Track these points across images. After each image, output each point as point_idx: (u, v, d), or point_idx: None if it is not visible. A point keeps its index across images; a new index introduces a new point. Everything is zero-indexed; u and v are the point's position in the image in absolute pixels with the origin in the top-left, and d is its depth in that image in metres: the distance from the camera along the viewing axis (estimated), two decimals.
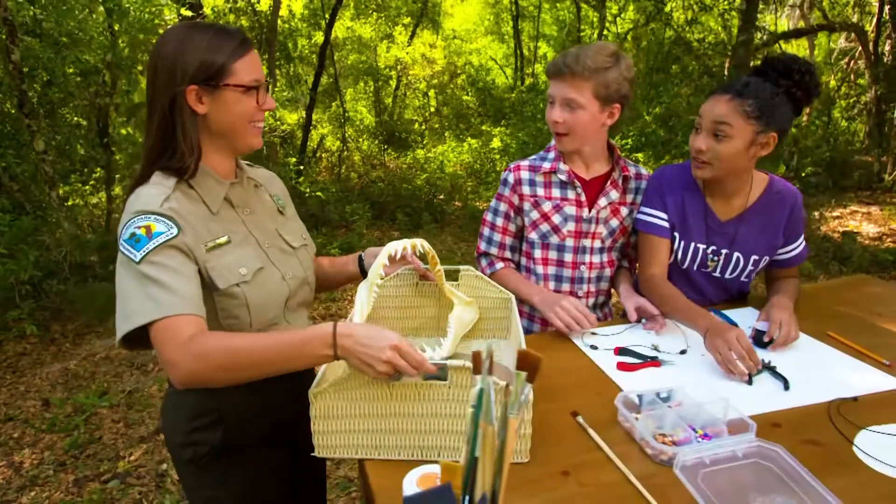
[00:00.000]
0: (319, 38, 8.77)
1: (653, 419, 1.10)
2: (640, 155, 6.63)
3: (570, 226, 1.60)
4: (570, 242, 1.62)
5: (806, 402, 1.19)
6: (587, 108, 1.45)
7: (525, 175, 1.62)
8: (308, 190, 5.44)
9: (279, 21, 8.86)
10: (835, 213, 6.91)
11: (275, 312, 1.21)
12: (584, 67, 1.41)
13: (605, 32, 8.93)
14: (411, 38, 12.84)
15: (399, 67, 12.16)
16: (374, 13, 11.29)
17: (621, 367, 1.34)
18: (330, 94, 11.38)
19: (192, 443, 1.22)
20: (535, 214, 1.61)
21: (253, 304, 1.14)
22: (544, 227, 1.62)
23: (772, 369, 1.30)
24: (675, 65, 6.42)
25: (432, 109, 13.45)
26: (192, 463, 1.23)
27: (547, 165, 1.61)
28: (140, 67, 5.19)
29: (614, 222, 1.64)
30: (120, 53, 5.02)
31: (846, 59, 10.08)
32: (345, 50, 11.80)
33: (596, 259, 1.65)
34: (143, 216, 1.04)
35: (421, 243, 1.27)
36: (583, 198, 1.60)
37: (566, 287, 1.66)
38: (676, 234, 1.61)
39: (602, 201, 1.60)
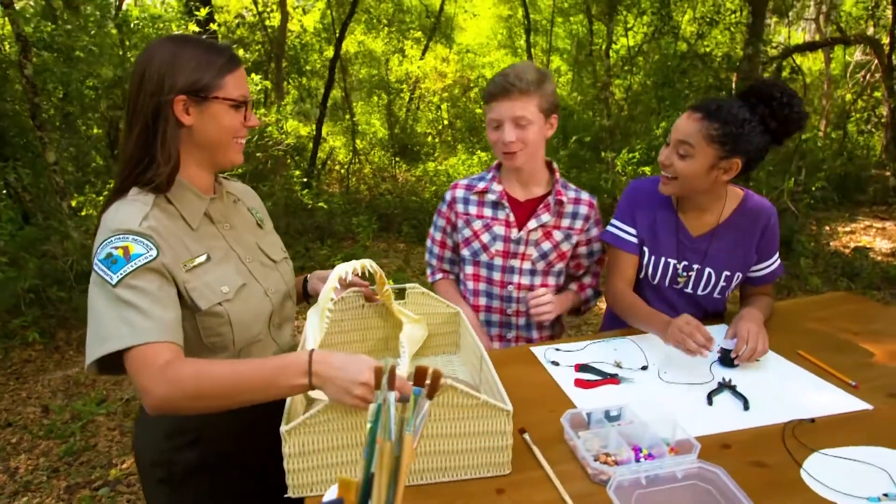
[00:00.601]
0: (331, 52, 8.89)
1: (599, 438, 1.09)
2: (647, 168, 6.58)
3: (499, 245, 1.61)
4: (498, 262, 1.63)
5: (762, 423, 1.17)
6: (535, 122, 1.47)
7: (460, 194, 1.66)
8: (311, 202, 5.49)
9: (291, 36, 9.03)
10: (847, 229, 6.78)
11: (258, 329, 1.20)
12: (528, 83, 1.43)
13: (615, 46, 8.93)
14: (424, 51, 12.96)
15: (411, 81, 12.26)
16: (386, 27, 11.41)
17: (579, 383, 1.33)
18: (343, 108, 11.51)
19: (167, 462, 1.19)
20: (467, 232, 1.65)
21: (236, 322, 1.13)
22: (475, 244, 1.64)
23: (732, 388, 1.28)
24: (683, 79, 6.38)
25: (445, 122, 13.53)
26: (165, 483, 1.20)
27: (482, 185, 1.64)
28: None
29: (546, 245, 1.62)
30: (131, 69, 5.13)
31: (862, 73, 9.94)
32: (357, 64, 11.94)
33: (525, 280, 1.64)
34: (120, 236, 1.01)
35: (370, 264, 1.28)
36: (511, 218, 1.61)
37: (496, 304, 1.68)
38: (646, 249, 1.60)
39: (532, 223, 1.60)
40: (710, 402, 1.24)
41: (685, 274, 1.58)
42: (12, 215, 4.19)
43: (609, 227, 1.63)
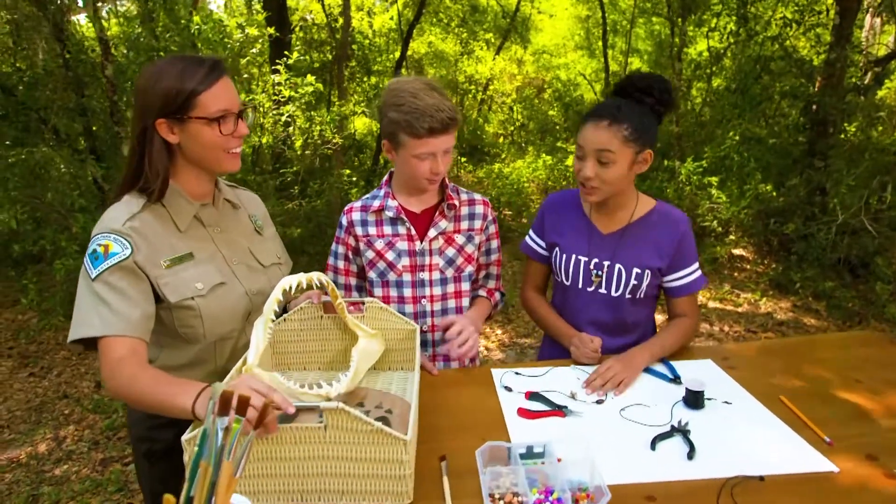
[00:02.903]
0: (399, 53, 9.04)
1: (513, 475, 1.03)
2: (714, 178, 6.21)
3: (405, 261, 1.58)
4: (407, 277, 1.59)
5: (702, 476, 1.07)
6: (452, 148, 1.46)
7: (356, 216, 1.61)
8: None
9: (360, 37, 9.25)
10: None
11: (232, 326, 1.30)
12: (458, 114, 1.41)
13: (696, 48, 8.47)
14: (498, 52, 12.89)
15: (482, 81, 12.24)
16: (457, 28, 11.44)
17: (522, 413, 1.27)
18: None
19: (149, 438, 1.33)
20: (370, 254, 1.60)
21: (207, 316, 1.23)
22: (381, 265, 1.59)
23: (685, 433, 1.18)
24: (756, 85, 5.95)
25: (518, 123, 13.40)
26: (147, 457, 1.34)
27: (377, 203, 1.59)
28: None
29: (450, 251, 1.60)
30: None
31: None
32: (426, 64, 12.06)
33: (437, 291, 1.60)
34: (104, 234, 1.14)
35: (317, 276, 1.28)
36: (413, 231, 1.57)
37: None
38: (557, 251, 1.63)
39: (432, 232, 1.57)
40: (653, 446, 1.15)
41: (598, 273, 1.57)
42: (84, 204, 4.56)
43: (525, 239, 1.74)
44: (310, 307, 1.45)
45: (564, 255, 1.61)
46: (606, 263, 1.56)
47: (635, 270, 1.53)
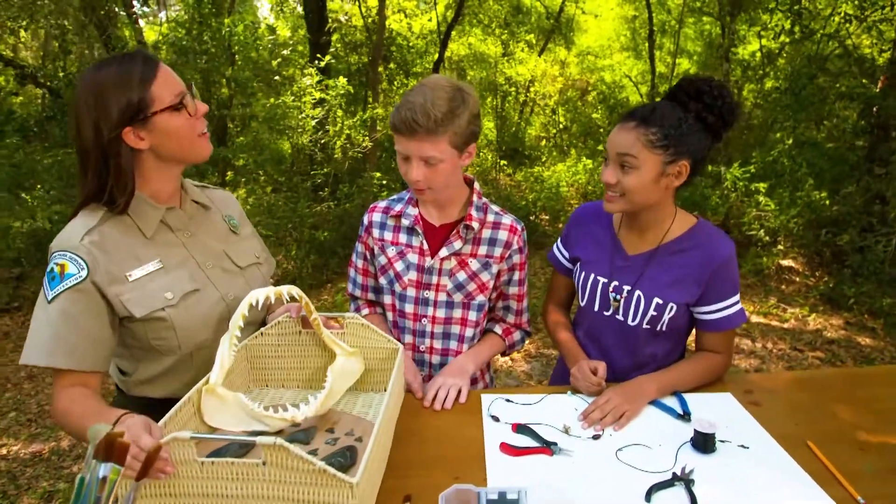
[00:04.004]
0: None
1: None
2: (762, 185, 5.87)
3: (412, 275, 1.46)
4: (411, 292, 1.47)
5: None
6: (446, 159, 1.28)
7: (377, 218, 1.52)
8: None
9: (399, 38, 9.23)
10: None
11: (207, 334, 1.23)
12: (437, 122, 1.23)
13: (734, 50, 8.06)
14: (541, 53, 12.67)
15: (523, 83, 12.05)
16: (498, 29, 11.30)
17: (504, 448, 1.14)
18: None
19: None
20: (382, 259, 1.50)
21: (180, 327, 1.18)
22: (390, 272, 1.49)
23: (687, 482, 1.03)
24: (811, 85, 5.57)
25: (562, 126, 13.15)
26: None
27: (398, 208, 1.48)
28: (255, 84, 5.69)
29: (461, 275, 1.45)
30: (239, 70, 5.53)
31: None
32: (466, 66, 11.97)
33: (441, 313, 1.47)
34: (60, 253, 1.10)
35: (287, 290, 1.19)
36: (425, 246, 1.45)
37: (408, 339, 1.51)
38: (578, 266, 1.51)
39: (443, 251, 1.43)
40: (648, 497, 1.00)
41: (617, 298, 1.42)
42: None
43: (552, 248, 1.61)
44: (287, 321, 1.36)
45: (584, 273, 1.47)
46: (626, 288, 1.40)
47: (656, 301, 1.36)
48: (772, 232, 5.70)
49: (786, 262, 5.84)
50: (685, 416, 1.24)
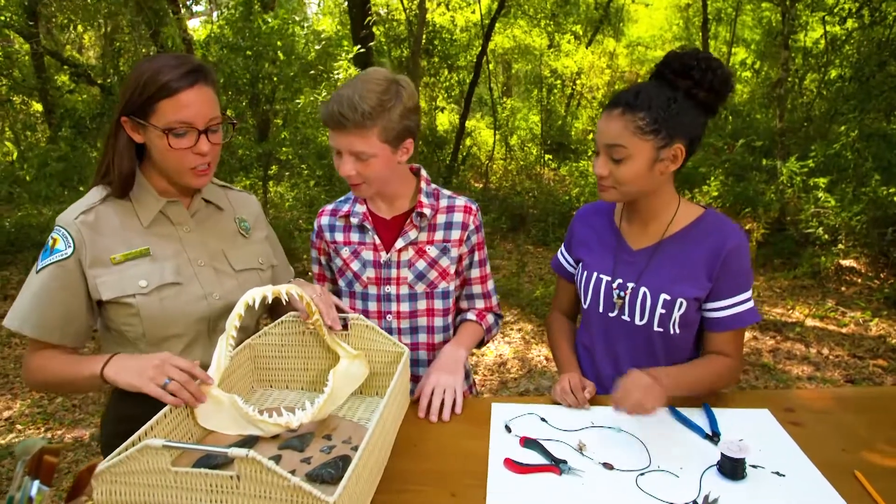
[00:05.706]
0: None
1: None
2: (822, 180, 5.50)
3: (370, 272, 1.42)
4: (372, 290, 1.43)
5: None
6: (378, 154, 1.24)
7: (325, 221, 1.48)
8: None
9: (443, 31, 9.15)
10: None
11: (179, 330, 1.22)
12: (365, 115, 1.18)
13: (794, 37, 7.58)
14: (589, 44, 12.35)
15: (569, 76, 11.78)
16: (544, 20, 11.07)
17: (509, 465, 1.06)
18: (499, 102, 11.44)
19: (113, 446, 1.26)
20: (338, 262, 1.46)
21: (146, 316, 1.18)
22: (348, 274, 1.44)
23: None
24: (881, 73, 5.15)
25: None
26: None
27: (346, 208, 1.44)
28: (302, 82, 5.75)
29: (421, 264, 1.41)
30: (283, 66, 5.58)
31: None
32: (511, 58, 11.79)
33: (405, 307, 1.42)
34: (57, 227, 1.15)
35: (286, 289, 1.14)
36: (377, 240, 1.41)
37: None
38: (580, 267, 1.41)
39: (399, 242, 1.40)
40: None
41: (620, 295, 1.31)
42: None
43: (556, 254, 1.54)
44: (291, 321, 1.32)
45: (586, 273, 1.38)
46: (630, 285, 1.30)
47: (663, 297, 1.25)
48: (832, 230, 5.34)
49: (846, 263, 5.46)
50: (714, 436, 1.12)
